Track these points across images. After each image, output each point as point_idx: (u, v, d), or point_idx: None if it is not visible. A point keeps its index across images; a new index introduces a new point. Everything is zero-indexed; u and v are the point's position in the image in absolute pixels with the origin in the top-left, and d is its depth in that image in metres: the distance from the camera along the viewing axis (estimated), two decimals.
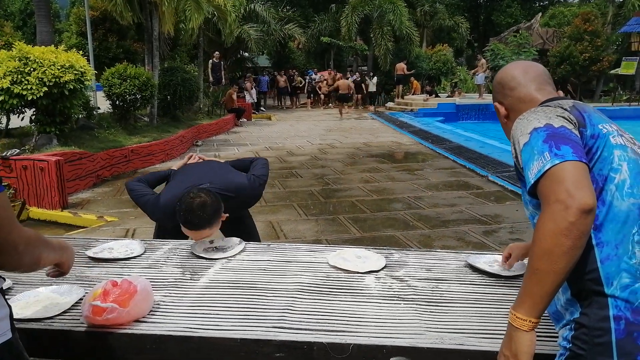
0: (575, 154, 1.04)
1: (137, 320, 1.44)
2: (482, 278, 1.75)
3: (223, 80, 15.99)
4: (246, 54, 21.48)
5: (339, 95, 17.43)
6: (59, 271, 1.34)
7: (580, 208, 0.96)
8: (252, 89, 17.00)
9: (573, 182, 0.99)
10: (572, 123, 1.12)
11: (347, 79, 18.66)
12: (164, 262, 1.89)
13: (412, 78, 19.21)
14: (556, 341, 1.32)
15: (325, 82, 19.64)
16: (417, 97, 18.41)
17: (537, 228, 1.03)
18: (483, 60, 16.74)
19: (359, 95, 19.71)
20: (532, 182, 1.05)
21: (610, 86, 21.45)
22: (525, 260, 1.88)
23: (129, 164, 7.53)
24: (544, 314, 1.08)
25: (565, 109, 1.15)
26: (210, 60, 15.44)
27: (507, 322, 1.12)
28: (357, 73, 20.71)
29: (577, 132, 1.11)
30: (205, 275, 1.76)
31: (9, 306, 1.08)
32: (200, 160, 2.71)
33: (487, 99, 16.64)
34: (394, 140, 10.96)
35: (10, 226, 0.98)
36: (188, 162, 2.66)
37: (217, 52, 15.73)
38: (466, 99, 16.85)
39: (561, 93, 1.36)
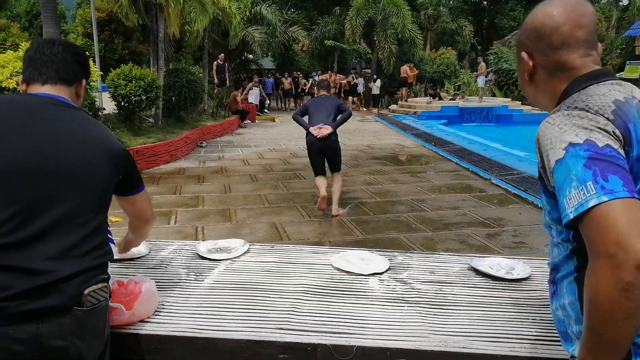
0: (626, 187, 0.84)
1: (142, 321, 1.45)
2: (485, 281, 1.75)
3: (227, 82, 16.03)
4: (250, 56, 21.54)
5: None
6: None
7: (637, 264, 0.79)
8: (252, 88, 17.02)
9: (625, 229, 0.81)
10: (617, 140, 0.91)
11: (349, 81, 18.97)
12: (168, 263, 1.90)
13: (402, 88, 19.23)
14: (558, 345, 1.33)
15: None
16: (421, 99, 18.42)
17: (587, 284, 0.86)
18: (483, 64, 16.72)
19: (354, 98, 19.70)
20: (572, 216, 0.87)
21: None
22: (528, 264, 1.88)
23: None
24: (549, 320, 1.04)
25: (609, 119, 0.93)
26: (215, 62, 15.49)
27: (510, 324, 1.11)
28: (352, 75, 20.77)
29: (623, 153, 0.90)
30: (210, 276, 1.77)
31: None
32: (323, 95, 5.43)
33: (487, 102, 16.65)
34: (397, 142, 10.96)
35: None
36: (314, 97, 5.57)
37: (221, 54, 15.78)
38: (469, 102, 16.84)
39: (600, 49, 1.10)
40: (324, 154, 5.20)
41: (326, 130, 5.00)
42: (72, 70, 1.41)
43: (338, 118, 5.16)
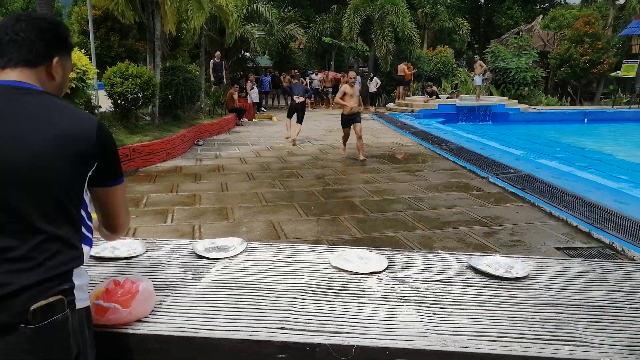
0: None
1: (139, 320, 1.44)
2: (484, 280, 1.75)
3: (224, 80, 15.99)
4: (247, 54, 21.48)
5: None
6: None
7: None
8: (252, 89, 17.00)
9: None
10: None
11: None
12: (165, 262, 1.89)
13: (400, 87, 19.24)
14: (558, 344, 1.32)
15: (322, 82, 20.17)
16: (418, 98, 18.43)
17: None
18: (480, 62, 16.74)
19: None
20: None
21: (610, 89, 21.46)
22: (526, 262, 1.87)
23: (130, 162, 7.53)
24: (548, 319, 1.04)
25: None
26: (212, 60, 15.44)
27: (510, 323, 1.11)
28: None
29: None
30: (207, 275, 1.76)
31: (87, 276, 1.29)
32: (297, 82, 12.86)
33: (485, 100, 16.67)
34: (394, 141, 10.96)
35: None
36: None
37: (218, 52, 15.74)
38: (465, 100, 16.85)
39: None
40: (296, 110, 10.68)
41: (299, 99, 10.58)
42: (36, 49, 1.23)
43: (305, 95, 11.15)
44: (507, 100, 17.34)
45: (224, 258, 1.92)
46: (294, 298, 1.58)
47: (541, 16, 24.24)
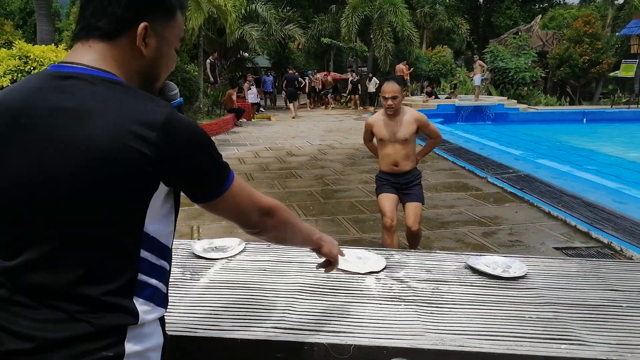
0: None
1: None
2: (482, 279, 1.75)
3: (216, 80, 15.99)
4: (246, 54, 21.48)
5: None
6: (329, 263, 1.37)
7: None
8: (250, 88, 17.00)
9: None
10: None
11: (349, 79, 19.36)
12: None
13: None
14: (555, 343, 1.33)
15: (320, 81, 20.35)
16: (417, 98, 18.44)
17: None
18: (479, 62, 16.74)
19: (355, 97, 19.90)
20: None
21: (609, 88, 21.49)
22: (524, 262, 1.88)
23: None
24: (545, 318, 1.05)
25: None
26: (208, 60, 15.43)
27: (507, 323, 1.12)
28: (352, 73, 20.88)
29: None
30: (206, 276, 1.76)
31: (165, 337, 0.98)
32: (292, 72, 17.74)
33: (484, 100, 16.68)
34: None
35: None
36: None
37: (215, 53, 15.77)
38: (464, 100, 16.86)
39: None
40: (292, 94, 16.47)
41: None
42: (113, 12, 0.87)
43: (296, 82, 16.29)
44: (506, 100, 17.34)
45: (222, 258, 1.92)
46: (292, 298, 1.59)
47: (540, 16, 24.25)
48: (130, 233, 0.86)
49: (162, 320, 0.98)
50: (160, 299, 0.96)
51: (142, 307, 0.90)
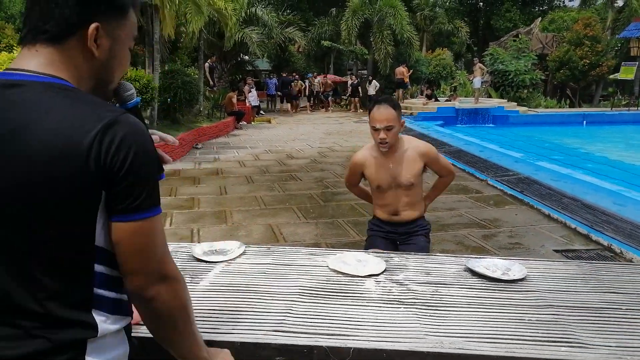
0: None
1: (137, 323, 1.44)
2: (481, 282, 1.75)
3: (215, 83, 16.03)
4: (246, 57, 21.53)
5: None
6: None
7: None
8: (249, 92, 17.03)
9: None
10: None
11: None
12: None
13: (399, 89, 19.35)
14: (554, 346, 1.33)
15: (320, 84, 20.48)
16: (417, 101, 18.46)
17: None
18: (479, 65, 16.76)
19: (355, 99, 19.94)
20: None
21: (609, 91, 21.50)
22: (524, 264, 1.88)
23: None
24: (545, 320, 1.04)
25: None
26: (206, 64, 15.47)
27: (507, 325, 1.12)
28: (352, 76, 20.97)
29: None
30: (206, 279, 1.76)
31: (131, 344, 0.97)
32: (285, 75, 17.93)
33: (484, 103, 16.70)
34: None
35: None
36: None
37: (213, 56, 15.83)
38: (464, 103, 16.88)
39: None
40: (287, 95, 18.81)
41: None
42: (61, 13, 0.82)
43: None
44: (506, 102, 17.36)
45: (222, 261, 1.92)
46: (292, 300, 1.59)
47: (540, 19, 24.30)
48: (81, 247, 0.84)
49: (128, 328, 0.97)
50: (122, 309, 0.95)
51: (102, 319, 0.88)
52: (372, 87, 19.45)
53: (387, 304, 1.58)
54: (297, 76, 21.08)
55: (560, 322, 1.46)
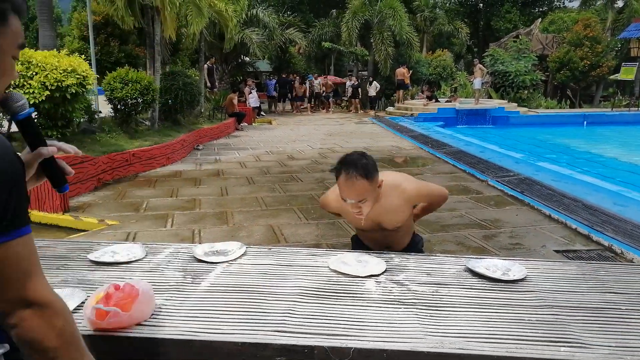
0: None
1: (139, 324, 1.45)
2: (482, 282, 1.76)
3: (214, 85, 16.05)
4: (247, 59, 21.57)
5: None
6: None
7: None
8: (250, 92, 17.06)
9: None
10: None
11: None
12: (165, 266, 1.90)
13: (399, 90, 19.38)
14: (554, 346, 1.33)
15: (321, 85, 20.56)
16: (417, 102, 18.48)
17: None
18: (479, 65, 16.77)
19: (356, 100, 19.97)
20: None
21: (609, 91, 21.51)
22: (524, 264, 1.88)
23: (130, 167, 7.55)
24: (545, 321, 1.04)
25: None
26: (205, 65, 15.49)
27: (507, 326, 1.12)
28: (353, 77, 20.99)
29: None
30: (207, 279, 1.77)
31: None
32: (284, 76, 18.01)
33: (484, 104, 16.70)
34: (394, 144, 10.98)
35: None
36: None
37: (212, 58, 15.86)
38: (465, 104, 16.89)
39: None
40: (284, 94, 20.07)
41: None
42: None
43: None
44: (507, 103, 17.37)
45: (224, 262, 1.93)
46: (293, 301, 1.59)
47: (540, 20, 24.32)
48: None
49: (8, 355, 0.91)
50: None
51: None
52: (373, 88, 19.47)
53: (387, 304, 1.58)
54: (297, 77, 21.10)
55: (560, 322, 1.47)
